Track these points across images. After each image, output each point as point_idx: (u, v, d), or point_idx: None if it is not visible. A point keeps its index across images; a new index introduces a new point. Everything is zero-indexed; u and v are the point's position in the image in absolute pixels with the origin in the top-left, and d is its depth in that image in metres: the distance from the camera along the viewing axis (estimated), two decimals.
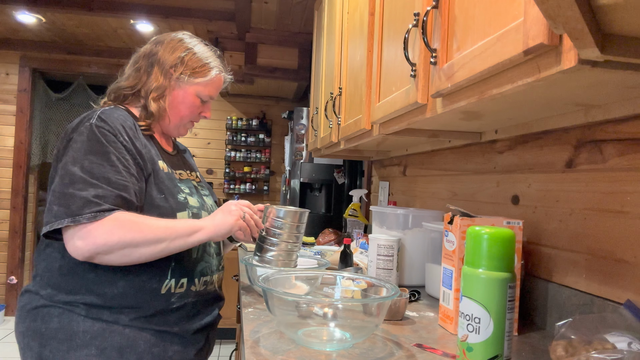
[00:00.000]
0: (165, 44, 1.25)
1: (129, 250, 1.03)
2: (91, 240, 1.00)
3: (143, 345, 1.10)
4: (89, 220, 1.00)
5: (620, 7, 0.49)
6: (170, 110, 1.25)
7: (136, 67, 1.25)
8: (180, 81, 1.23)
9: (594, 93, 0.85)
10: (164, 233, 1.05)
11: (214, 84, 1.28)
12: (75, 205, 1.00)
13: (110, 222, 1.01)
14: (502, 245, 0.75)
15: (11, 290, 4.54)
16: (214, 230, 1.11)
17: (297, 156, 3.29)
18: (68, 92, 4.99)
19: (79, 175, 1.03)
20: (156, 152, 1.21)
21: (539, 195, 1.21)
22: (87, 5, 3.56)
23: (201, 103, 1.28)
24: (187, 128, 1.32)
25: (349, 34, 1.90)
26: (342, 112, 1.89)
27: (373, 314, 0.92)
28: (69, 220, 1.00)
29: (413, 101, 1.08)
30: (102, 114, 1.11)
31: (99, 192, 1.02)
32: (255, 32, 3.91)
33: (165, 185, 1.16)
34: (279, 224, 1.22)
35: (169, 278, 1.13)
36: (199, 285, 1.20)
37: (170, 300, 1.14)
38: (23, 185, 4.58)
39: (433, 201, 1.90)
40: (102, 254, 1.02)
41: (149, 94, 1.22)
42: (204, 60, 1.25)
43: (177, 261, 1.15)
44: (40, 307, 1.09)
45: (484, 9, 0.80)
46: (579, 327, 0.78)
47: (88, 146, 1.06)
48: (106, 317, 1.08)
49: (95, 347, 1.06)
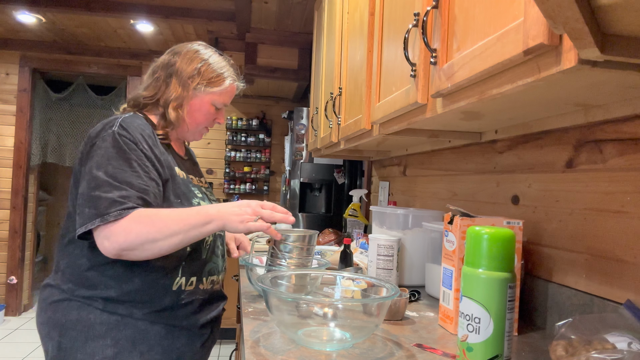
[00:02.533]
0: (182, 55, 1.32)
1: (149, 245, 1.08)
2: (114, 239, 1.06)
3: (154, 337, 1.18)
4: (115, 218, 1.06)
5: (620, 7, 0.49)
6: (188, 118, 1.31)
7: (155, 77, 1.32)
8: (197, 91, 1.30)
9: (594, 93, 0.85)
10: (177, 226, 1.09)
11: (228, 93, 1.35)
12: (103, 206, 1.07)
13: (128, 220, 1.07)
14: (502, 245, 0.75)
15: (11, 290, 4.54)
16: (224, 223, 1.13)
17: (297, 156, 3.29)
18: (68, 92, 4.99)
19: (104, 179, 1.10)
20: (172, 159, 1.29)
21: (539, 195, 1.21)
22: (87, 5, 3.56)
23: (215, 110, 1.35)
24: (202, 133, 1.39)
25: (349, 34, 1.90)
26: (342, 112, 1.89)
27: (373, 314, 0.92)
28: (99, 221, 1.06)
29: (413, 101, 1.08)
30: (123, 122, 1.18)
31: (123, 193, 1.09)
32: (255, 32, 3.91)
33: (181, 190, 1.24)
34: (288, 248, 1.28)
35: (179, 276, 1.20)
36: (206, 284, 1.27)
37: (180, 297, 1.21)
38: (23, 185, 4.58)
39: (433, 201, 1.90)
40: (127, 251, 1.08)
41: (169, 103, 1.29)
42: (218, 71, 1.32)
43: (187, 261, 1.21)
44: (61, 300, 1.17)
45: (484, 9, 0.80)
46: (579, 327, 0.78)
47: (111, 152, 1.13)
48: (121, 311, 1.16)
49: (110, 337, 1.14)
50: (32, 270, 4.90)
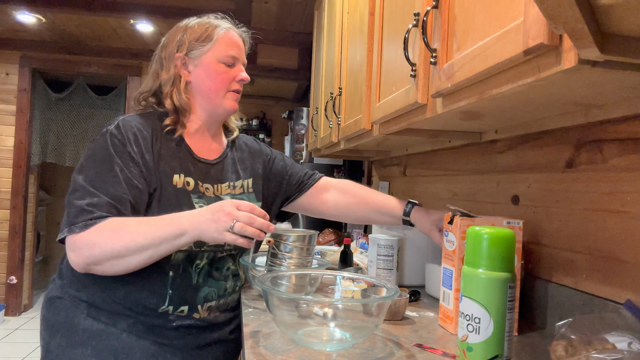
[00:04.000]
0: (167, 38, 1.24)
1: (115, 261, 0.98)
2: (79, 252, 0.98)
3: (139, 354, 1.07)
4: (81, 229, 0.97)
5: (620, 7, 0.49)
6: (200, 89, 1.18)
7: (152, 71, 1.23)
8: (193, 58, 1.18)
9: (594, 93, 0.85)
10: (146, 240, 0.97)
11: (226, 42, 1.19)
12: (72, 214, 0.99)
13: (93, 232, 0.97)
14: (502, 245, 0.75)
15: (11, 290, 4.54)
16: (199, 234, 0.98)
17: (297, 156, 3.29)
18: (68, 92, 4.99)
19: (80, 183, 1.02)
20: (178, 164, 1.13)
21: (539, 195, 1.21)
22: (87, 5, 3.56)
23: (228, 68, 1.19)
24: (232, 100, 1.21)
25: (349, 34, 1.90)
26: (342, 112, 1.89)
27: (373, 314, 0.92)
28: (67, 231, 0.99)
29: (413, 101, 1.08)
30: (121, 121, 1.10)
31: (93, 201, 0.99)
32: (255, 32, 3.91)
33: (169, 202, 1.09)
34: (288, 248, 1.26)
35: (166, 305, 1.09)
36: (202, 312, 1.14)
37: (168, 319, 1.10)
38: (23, 185, 4.58)
39: (433, 201, 1.90)
40: (93, 265, 0.99)
41: (164, 89, 1.18)
42: (204, 27, 1.20)
43: (174, 289, 1.09)
44: (55, 297, 1.13)
45: (484, 9, 0.80)
46: (579, 327, 0.78)
47: (97, 155, 1.06)
48: (105, 319, 1.08)
49: (91, 347, 1.06)
50: (32, 270, 4.90)
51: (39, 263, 5.59)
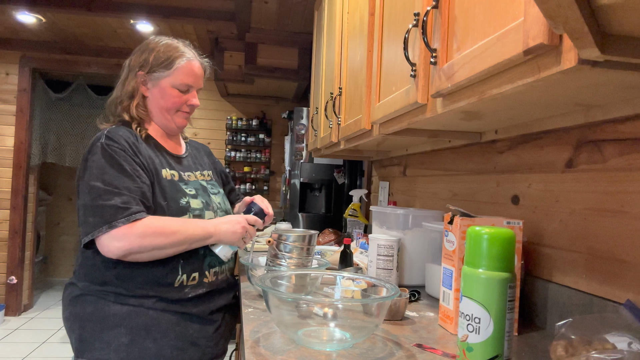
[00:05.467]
0: (135, 52, 1.39)
1: (157, 252, 1.21)
2: (127, 242, 1.16)
3: (166, 324, 1.25)
4: (124, 223, 1.15)
5: (620, 7, 0.49)
6: (154, 107, 1.36)
7: (121, 80, 1.40)
8: (153, 79, 1.34)
9: (594, 93, 0.85)
10: (185, 238, 1.22)
11: (184, 72, 1.34)
12: (109, 214, 1.16)
13: (143, 227, 1.17)
14: (502, 245, 0.75)
15: (11, 291, 4.54)
16: (219, 239, 1.29)
17: (297, 156, 3.29)
18: (68, 92, 4.99)
19: (102, 188, 1.18)
20: (160, 161, 1.34)
21: (539, 195, 1.21)
22: (87, 5, 3.56)
23: (181, 93, 1.36)
24: (181, 118, 1.40)
25: (349, 34, 1.90)
26: (342, 112, 1.89)
27: (373, 314, 0.92)
28: (106, 227, 1.15)
29: (413, 101, 1.08)
30: (109, 133, 1.26)
31: (124, 199, 1.17)
32: (255, 32, 3.91)
33: (166, 192, 1.29)
34: (288, 248, 1.31)
35: (180, 274, 1.27)
36: (210, 277, 1.34)
37: (184, 291, 1.28)
38: (23, 185, 4.58)
39: (433, 201, 1.90)
40: (135, 253, 1.19)
41: (124, 102, 1.36)
42: (168, 54, 1.34)
43: (185, 259, 1.28)
44: (79, 295, 1.28)
45: (484, 9, 0.80)
46: (579, 327, 0.78)
47: (103, 163, 1.21)
48: (132, 302, 1.24)
49: (124, 326, 1.23)
50: (32, 270, 4.89)
51: (39, 263, 5.59)
